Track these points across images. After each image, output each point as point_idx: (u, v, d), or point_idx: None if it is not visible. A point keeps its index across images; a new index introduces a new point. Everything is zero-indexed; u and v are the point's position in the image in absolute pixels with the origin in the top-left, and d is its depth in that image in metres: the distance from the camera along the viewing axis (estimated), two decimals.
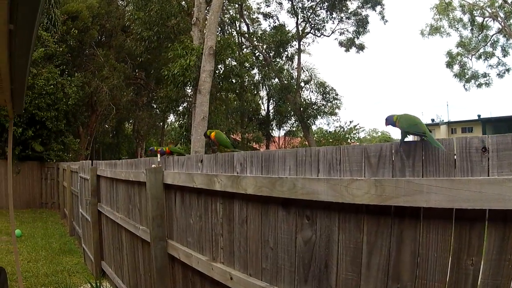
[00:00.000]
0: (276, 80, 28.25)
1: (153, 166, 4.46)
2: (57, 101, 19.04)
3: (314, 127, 32.02)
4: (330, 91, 29.15)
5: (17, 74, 3.88)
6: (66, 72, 20.82)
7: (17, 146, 17.99)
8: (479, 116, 46.48)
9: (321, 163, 2.37)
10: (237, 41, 23.38)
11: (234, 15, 27.21)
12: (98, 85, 23.05)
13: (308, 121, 28.63)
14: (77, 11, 21.96)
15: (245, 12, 27.84)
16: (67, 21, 21.49)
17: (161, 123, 36.67)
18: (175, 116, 28.72)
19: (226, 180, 3.13)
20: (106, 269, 7.74)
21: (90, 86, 22.98)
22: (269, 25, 29.79)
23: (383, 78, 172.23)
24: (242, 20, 27.92)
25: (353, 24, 29.80)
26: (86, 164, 9.24)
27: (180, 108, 24.86)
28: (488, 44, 35.61)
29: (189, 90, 21.30)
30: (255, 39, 27.79)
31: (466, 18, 35.43)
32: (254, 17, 29.81)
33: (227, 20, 26.80)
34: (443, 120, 50.86)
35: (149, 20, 20.05)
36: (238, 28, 27.90)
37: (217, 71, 17.90)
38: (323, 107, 29.08)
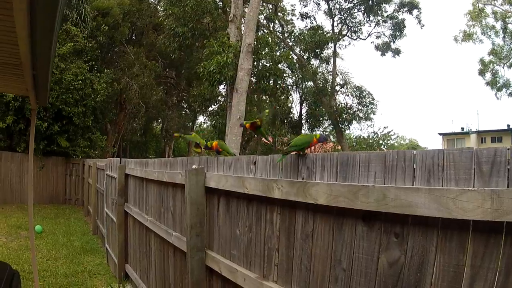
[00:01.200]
0: (310, 83, 27.70)
1: (193, 166, 3.94)
2: (85, 97, 18.86)
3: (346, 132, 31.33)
4: (367, 96, 28.60)
5: (40, 57, 3.44)
6: (95, 68, 20.69)
7: (42, 140, 17.88)
8: (508, 126, 45.94)
9: (418, 169, 1.95)
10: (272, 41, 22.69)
11: (269, 15, 26.60)
12: (127, 83, 22.88)
13: (343, 126, 28.08)
14: (108, 7, 21.96)
15: (279, 14, 27.34)
16: (97, 17, 21.48)
17: (190, 123, 36.36)
18: (207, 117, 28.26)
19: (289, 187, 2.63)
20: (131, 273, 7.31)
21: (120, 83, 22.84)
22: (305, 26, 29.34)
23: (415, 84, 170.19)
24: (276, 22, 27.42)
25: (390, 28, 29.34)
26: (114, 161, 8.83)
27: (212, 107, 24.45)
28: None
29: (223, 89, 20.82)
30: (292, 39, 27.31)
31: (498, 25, 34.79)
32: (288, 18, 29.29)
33: (262, 21, 26.25)
34: (471, 129, 50.35)
35: (183, 15, 19.66)
36: (272, 29, 27.29)
37: (254, 70, 17.24)
38: (358, 111, 28.48)
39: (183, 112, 33.84)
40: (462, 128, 52.45)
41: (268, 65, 17.57)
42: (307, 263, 2.59)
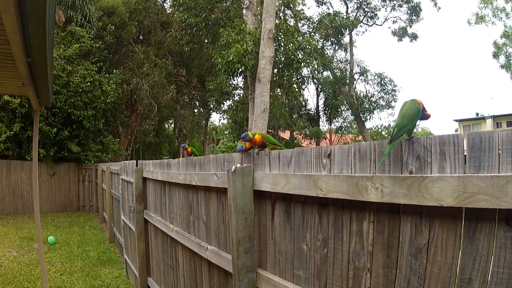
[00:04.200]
0: (326, 73, 26.91)
1: (238, 165, 3.10)
2: (95, 99, 18.25)
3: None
4: (388, 82, 27.77)
5: (34, 35, 2.68)
6: (104, 69, 20.10)
7: (52, 147, 17.34)
8: None
9: None
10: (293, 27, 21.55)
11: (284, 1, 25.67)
12: (138, 83, 22.24)
13: (364, 115, 27.32)
14: (113, 6, 21.43)
15: (290, 5, 26.51)
16: (102, 17, 20.99)
17: (203, 121, 36.04)
18: (224, 112, 27.60)
19: (394, 185, 1.86)
20: (154, 287, 6.55)
21: (130, 84, 22.21)
22: (322, 12, 28.21)
23: (429, 69, 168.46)
24: (292, 8, 26.46)
25: (406, 12, 28.47)
26: (129, 164, 8.08)
27: (229, 102, 23.80)
28: None
29: (241, 81, 19.99)
30: (311, 25, 26.46)
31: (508, 7, 34.19)
32: (298, 9, 28.29)
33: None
34: (483, 114, 49.91)
35: (195, 5, 18.88)
36: (284, 19, 26.42)
37: (275, 59, 16.17)
38: (380, 100, 27.68)
39: (196, 110, 33.23)
40: (477, 114, 51.97)
41: (291, 51, 16.48)
42: (418, 285, 1.89)
